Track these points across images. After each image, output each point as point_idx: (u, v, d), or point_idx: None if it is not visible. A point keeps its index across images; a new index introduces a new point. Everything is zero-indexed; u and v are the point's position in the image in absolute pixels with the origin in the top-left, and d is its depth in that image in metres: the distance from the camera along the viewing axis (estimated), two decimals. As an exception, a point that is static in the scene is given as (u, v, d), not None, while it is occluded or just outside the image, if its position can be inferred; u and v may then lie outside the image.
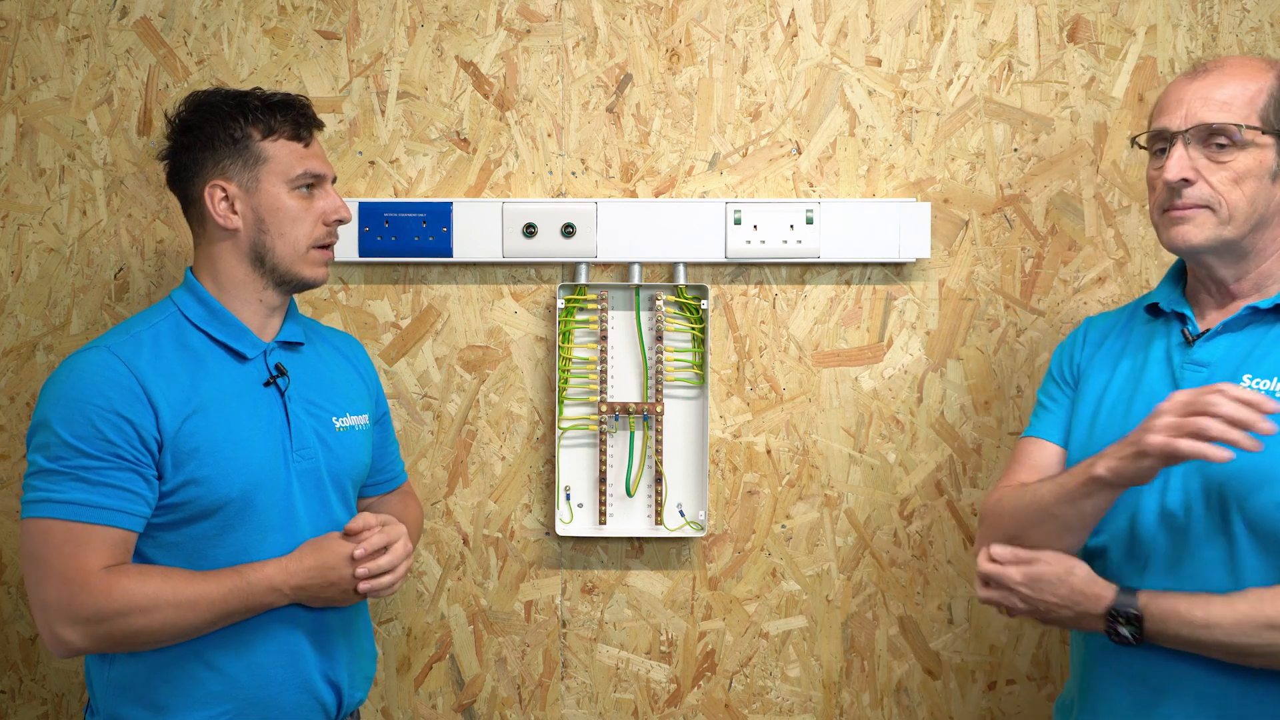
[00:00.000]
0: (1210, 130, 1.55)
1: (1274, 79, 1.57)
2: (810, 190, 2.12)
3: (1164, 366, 1.63)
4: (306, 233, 1.72)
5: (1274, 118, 1.55)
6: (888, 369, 2.13)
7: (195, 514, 1.64)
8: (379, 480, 1.95)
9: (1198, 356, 1.59)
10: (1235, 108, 1.55)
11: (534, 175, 2.13)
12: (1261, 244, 1.59)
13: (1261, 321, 1.58)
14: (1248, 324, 1.59)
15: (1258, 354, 1.56)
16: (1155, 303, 1.68)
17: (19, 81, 2.13)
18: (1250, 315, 1.58)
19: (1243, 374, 1.55)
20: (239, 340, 1.71)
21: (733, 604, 2.15)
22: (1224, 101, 1.55)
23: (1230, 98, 1.55)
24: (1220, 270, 1.60)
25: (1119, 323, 1.75)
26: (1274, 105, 1.55)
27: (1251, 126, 1.54)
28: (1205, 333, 1.61)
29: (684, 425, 2.13)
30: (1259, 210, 1.56)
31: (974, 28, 2.11)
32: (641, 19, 2.12)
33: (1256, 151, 1.55)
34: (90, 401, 1.59)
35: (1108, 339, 1.73)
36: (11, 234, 2.14)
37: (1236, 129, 1.54)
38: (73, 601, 1.57)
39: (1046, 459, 1.71)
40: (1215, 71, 1.59)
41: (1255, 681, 1.52)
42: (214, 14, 2.12)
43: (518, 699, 2.16)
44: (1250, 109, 1.55)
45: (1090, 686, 1.65)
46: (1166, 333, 1.65)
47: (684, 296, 2.11)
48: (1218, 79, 1.57)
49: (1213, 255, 1.59)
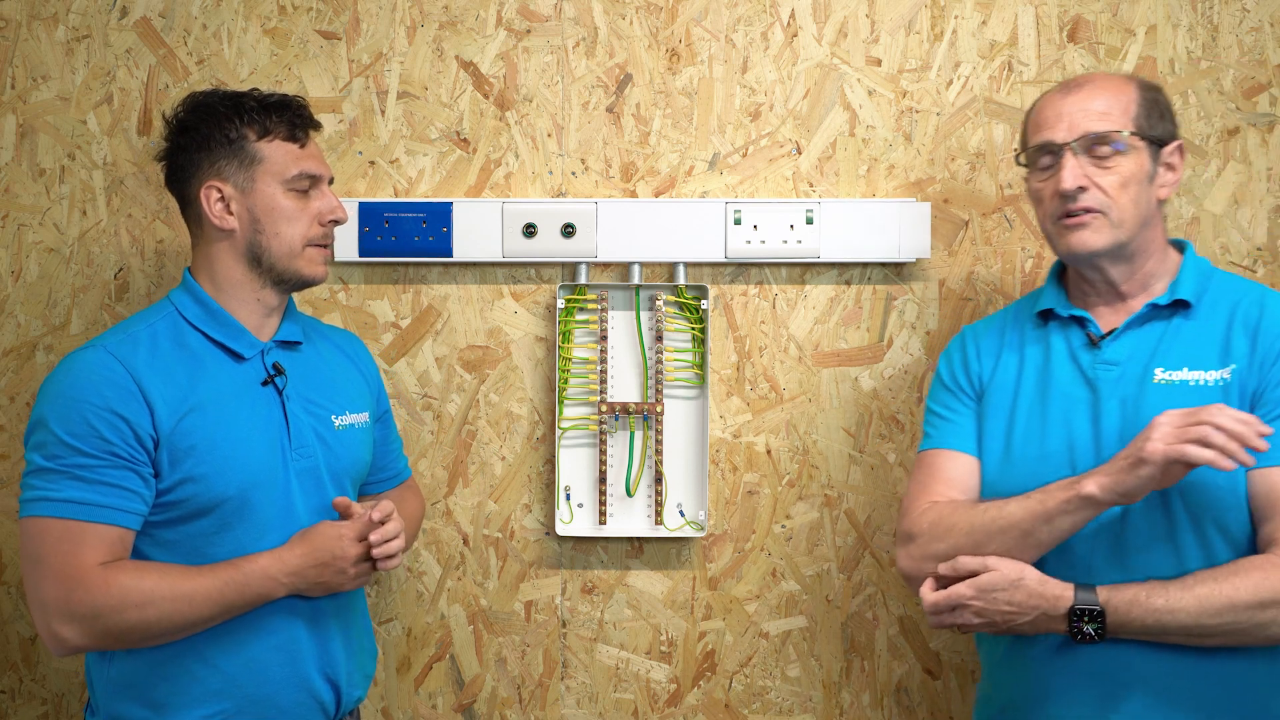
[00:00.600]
0: (1095, 139, 1.65)
1: (1137, 90, 1.69)
2: (810, 190, 2.12)
3: (1072, 369, 1.70)
4: (302, 232, 1.73)
5: (1146, 124, 1.67)
6: (888, 369, 2.13)
7: (192, 512, 1.64)
8: (381, 477, 1.95)
9: (1108, 356, 1.67)
10: (1114, 117, 1.66)
11: (534, 175, 2.13)
12: (1145, 244, 1.69)
13: (1159, 316, 1.68)
14: (1147, 320, 1.68)
15: (1163, 348, 1.65)
16: (1048, 308, 1.75)
17: (19, 81, 2.13)
18: (1150, 311, 1.68)
19: (1154, 368, 1.64)
20: (236, 340, 1.71)
21: (733, 604, 2.15)
22: (1102, 112, 1.66)
23: (1107, 108, 1.66)
24: (1112, 272, 1.69)
25: (1006, 330, 1.81)
26: (1144, 114, 1.67)
27: (1134, 133, 1.65)
28: (1110, 333, 1.68)
29: (684, 425, 2.13)
30: (1143, 212, 1.67)
31: (974, 28, 2.11)
32: (641, 19, 2.12)
33: (1136, 156, 1.66)
34: (86, 400, 1.60)
35: (1004, 349, 1.79)
36: (11, 234, 2.14)
37: (1120, 135, 1.64)
38: (70, 599, 1.57)
39: (961, 471, 1.74)
40: (1087, 86, 1.69)
41: (1211, 663, 1.56)
42: (214, 14, 2.12)
43: (518, 699, 2.16)
44: (1126, 117, 1.66)
45: (1043, 689, 1.65)
46: (1065, 336, 1.72)
47: (684, 296, 2.11)
48: (1090, 93, 1.68)
49: (1108, 258, 1.68)
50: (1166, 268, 1.71)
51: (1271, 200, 2.10)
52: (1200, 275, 1.70)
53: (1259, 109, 2.10)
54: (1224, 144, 2.10)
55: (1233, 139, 2.10)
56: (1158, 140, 1.67)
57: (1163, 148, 1.68)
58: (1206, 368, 1.63)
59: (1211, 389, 1.61)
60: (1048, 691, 1.64)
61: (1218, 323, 1.66)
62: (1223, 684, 1.57)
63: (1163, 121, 1.69)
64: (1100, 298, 1.72)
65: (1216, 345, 1.64)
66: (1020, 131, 1.79)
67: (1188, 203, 2.10)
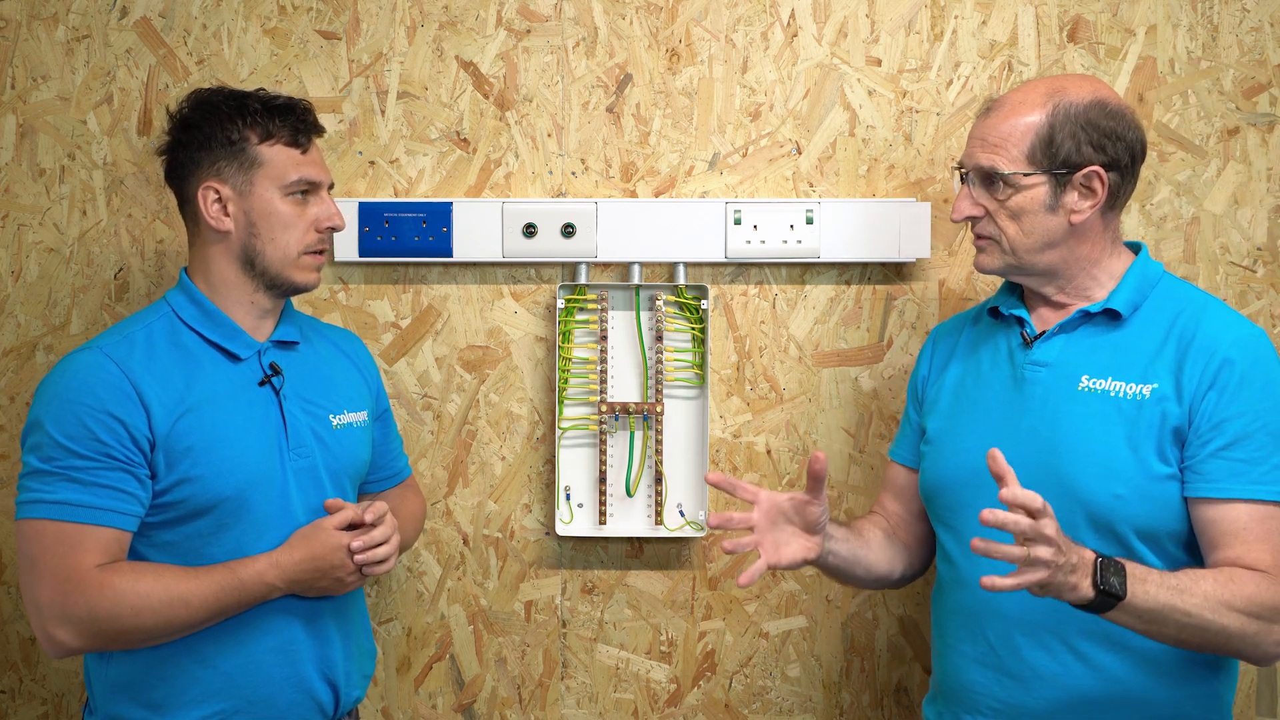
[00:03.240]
0: (984, 173, 1.67)
1: (1046, 116, 1.64)
2: (810, 190, 2.12)
3: (1007, 367, 1.73)
4: (298, 239, 1.72)
5: (1041, 156, 1.64)
6: (887, 369, 2.13)
7: (190, 512, 1.64)
8: (381, 476, 1.95)
9: (1036, 357, 1.70)
10: (1004, 150, 1.65)
11: (534, 175, 2.13)
12: (1062, 263, 1.68)
13: (1095, 323, 1.69)
14: (1080, 325, 1.69)
15: (1095, 355, 1.66)
16: (996, 306, 1.78)
17: (19, 81, 2.13)
18: (1082, 318, 1.69)
19: (1081, 374, 1.65)
20: (232, 341, 1.71)
21: (733, 604, 2.15)
22: (996, 144, 1.66)
23: (1002, 140, 1.65)
24: (1036, 286, 1.72)
25: (965, 328, 1.85)
26: (1041, 145, 1.63)
27: (1016, 172, 1.64)
28: (1042, 334, 1.70)
29: (684, 425, 2.13)
30: (1039, 239, 1.66)
31: (974, 28, 2.11)
32: (641, 19, 2.12)
33: (1028, 190, 1.65)
34: (82, 402, 1.60)
35: (958, 347, 1.83)
36: (11, 234, 2.14)
37: (1003, 174, 1.65)
38: (66, 601, 1.57)
39: (899, 482, 1.87)
40: (996, 111, 1.68)
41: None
42: (214, 14, 2.12)
43: (518, 699, 2.16)
44: (1018, 150, 1.64)
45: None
46: (1008, 334, 1.75)
47: (684, 296, 2.11)
48: (997, 119, 1.67)
49: (1017, 276, 1.72)
50: (1111, 274, 1.69)
51: (1271, 200, 2.10)
52: (1142, 285, 1.68)
53: (1259, 109, 2.09)
54: (1224, 144, 2.10)
55: (1233, 139, 2.10)
56: (1062, 168, 1.63)
57: (1075, 173, 1.63)
58: (1129, 379, 1.62)
59: (1128, 403, 1.61)
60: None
61: (1153, 335, 1.65)
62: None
63: (1077, 146, 1.63)
64: (1039, 301, 1.74)
65: (1145, 359, 1.63)
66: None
67: (1188, 203, 2.10)
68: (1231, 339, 1.61)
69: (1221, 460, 1.57)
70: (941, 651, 1.77)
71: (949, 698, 1.75)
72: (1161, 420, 1.59)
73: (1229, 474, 1.56)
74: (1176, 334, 1.63)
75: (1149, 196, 2.10)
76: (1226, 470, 1.56)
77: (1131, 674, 1.61)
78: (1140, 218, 2.11)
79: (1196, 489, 1.58)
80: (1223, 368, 1.58)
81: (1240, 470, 1.56)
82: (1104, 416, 1.62)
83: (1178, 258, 2.10)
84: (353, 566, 1.67)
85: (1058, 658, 1.63)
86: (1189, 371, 1.60)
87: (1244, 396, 1.57)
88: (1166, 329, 1.64)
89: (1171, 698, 1.62)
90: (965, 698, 1.71)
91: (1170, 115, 2.10)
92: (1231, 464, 1.56)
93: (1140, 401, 1.61)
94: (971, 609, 1.70)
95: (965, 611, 1.71)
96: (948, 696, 1.76)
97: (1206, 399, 1.58)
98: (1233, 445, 1.57)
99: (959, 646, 1.72)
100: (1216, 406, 1.57)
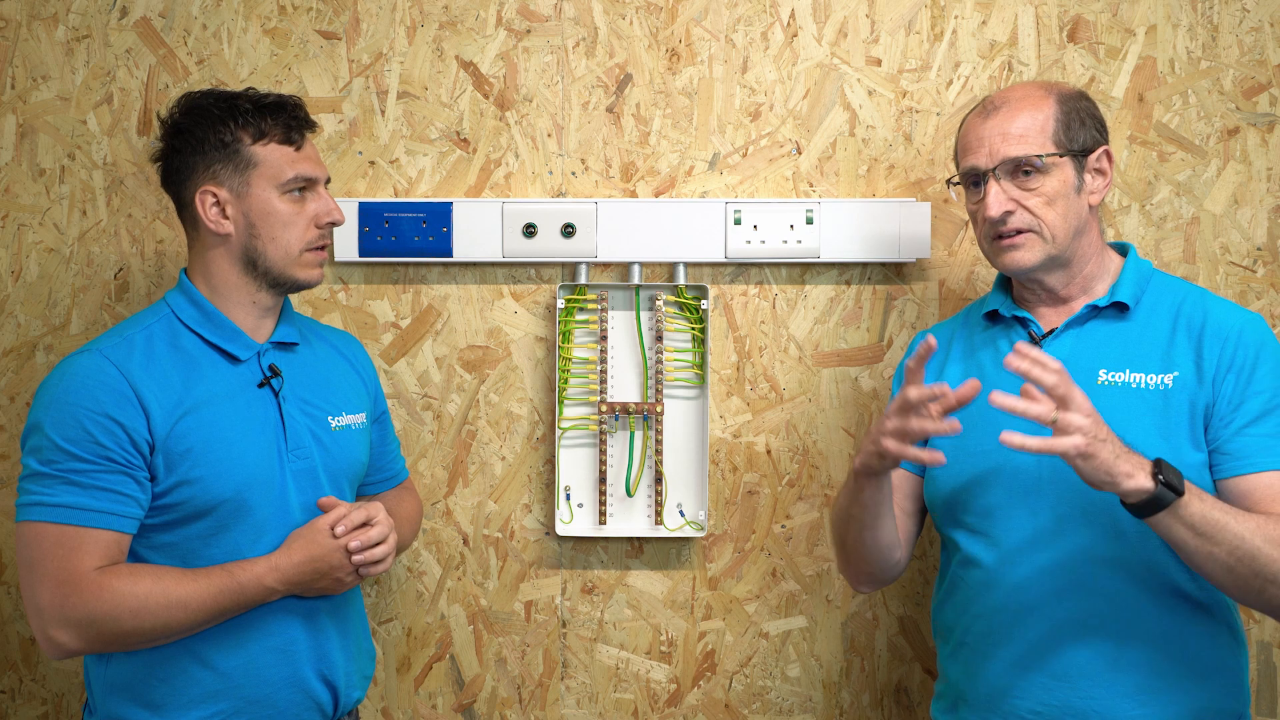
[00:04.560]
0: (1016, 163, 1.68)
1: (1055, 104, 1.70)
2: (810, 190, 2.12)
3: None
4: (298, 236, 1.72)
5: (1065, 139, 1.69)
6: (888, 369, 2.13)
7: (189, 514, 1.64)
8: (378, 478, 1.95)
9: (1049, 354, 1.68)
10: (1031, 138, 1.68)
11: (534, 175, 2.13)
12: (1081, 250, 1.72)
13: (1101, 317, 1.71)
14: (1089, 320, 1.71)
15: (1107, 349, 1.68)
16: (994, 309, 1.79)
17: (19, 81, 2.13)
18: (1090, 312, 1.71)
19: (1098, 369, 1.67)
20: (232, 342, 1.71)
21: (733, 604, 2.15)
22: (1020, 135, 1.68)
23: (1025, 130, 1.68)
24: (1050, 281, 1.73)
25: (956, 335, 1.84)
26: (1061, 128, 1.69)
27: (1049, 154, 1.68)
28: (1050, 332, 1.72)
29: (684, 425, 2.13)
30: (1073, 223, 1.69)
31: (974, 28, 2.11)
32: (641, 19, 2.12)
33: (1058, 173, 1.68)
34: (81, 405, 1.59)
35: (950, 354, 1.82)
36: (11, 234, 2.14)
37: (1038, 159, 1.67)
38: (65, 604, 1.57)
39: (896, 479, 1.81)
40: (1004, 108, 1.71)
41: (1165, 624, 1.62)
42: (214, 14, 2.12)
43: (518, 699, 2.16)
44: (1044, 136, 1.68)
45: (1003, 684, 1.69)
46: (1008, 336, 1.76)
47: (684, 296, 2.11)
48: (1008, 114, 1.70)
49: (1043, 270, 1.72)
50: (1107, 269, 1.74)
51: (1271, 200, 2.10)
52: (1140, 278, 1.72)
53: (1259, 109, 2.09)
54: (1224, 144, 2.10)
55: (1233, 139, 2.10)
56: (1081, 150, 1.70)
57: (1088, 155, 1.70)
58: (1148, 371, 1.65)
59: (1152, 393, 1.64)
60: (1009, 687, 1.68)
61: (1160, 326, 1.69)
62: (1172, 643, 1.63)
63: (1085, 130, 1.70)
64: (1042, 301, 1.75)
65: (1159, 349, 1.67)
66: (954, 152, 1.81)
67: (1188, 203, 2.10)
68: (1240, 323, 1.66)
69: (1246, 437, 1.60)
70: (967, 659, 1.73)
71: (979, 705, 1.71)
72: (1190, 406, 1.63)
73: (1257, 449, 1.60)
74: (1184, 322, 1.67)
75: (1149, 196, 2.10)
76: (1254, 445, 1.60)
77: (1172, 666, 1.62)
78: (1140, 218, 2.11)
79: (1227, 469, 1.61)
80: (1238, 350, 1.63)
81: (1267, 444, 1.60)
82: (1129, 409, 1.63)
83: (1178, 258, 2.11)
84: (351, 566, 1.67)
85: (1103, 655, 1.62)
86: (1208, 356, 1.64)
87: (1260, 375, 1.62)
88: (1172, 319, 1.68)
89: (1205, 687, 1.64)
90: (1002, 703, 1.68)
91: (1170, 115, 2.10)
92: (1259, 439, 1.60)
93: (1165, 391, 1.64)
94: (1007, 610, 1.67)
95: (1000, 613, 1.68)
96: (977, 704, 1.71)
97: (1226, 381, 1.62)
98: (1256, 421, 1.61)
99: (993, 651, 1.68)
100: (1235, 388, 1.62)
